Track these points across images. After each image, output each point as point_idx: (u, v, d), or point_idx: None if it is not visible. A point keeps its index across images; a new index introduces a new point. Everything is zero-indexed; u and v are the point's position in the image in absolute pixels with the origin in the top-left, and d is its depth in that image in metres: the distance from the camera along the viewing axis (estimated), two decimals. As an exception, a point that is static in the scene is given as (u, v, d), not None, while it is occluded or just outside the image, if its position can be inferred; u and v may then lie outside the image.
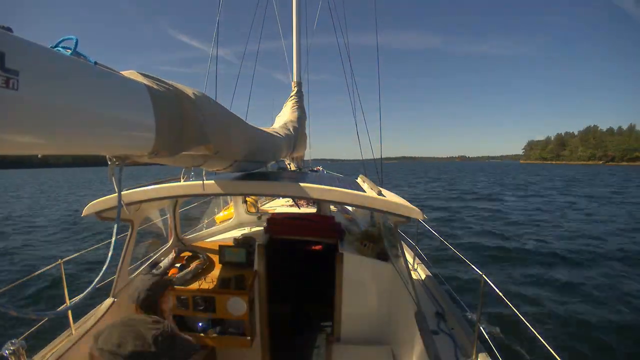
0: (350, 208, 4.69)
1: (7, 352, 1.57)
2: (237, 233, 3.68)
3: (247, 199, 4.39)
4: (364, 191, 2.24)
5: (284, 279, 3.97)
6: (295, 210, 4.89)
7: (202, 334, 2.59)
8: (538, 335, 1.68)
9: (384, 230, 3.10)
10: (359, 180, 3.65)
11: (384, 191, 2.29)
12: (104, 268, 1.01)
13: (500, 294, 1.84)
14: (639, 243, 10.22)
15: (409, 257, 3.53)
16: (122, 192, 2.19)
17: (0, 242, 11.20)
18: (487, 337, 2.03)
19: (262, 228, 3.47)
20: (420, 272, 3.43)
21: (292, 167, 6.11)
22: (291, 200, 5.38)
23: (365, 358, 2.50)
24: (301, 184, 2.03)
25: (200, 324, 2.62)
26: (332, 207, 4.48)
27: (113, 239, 1.08)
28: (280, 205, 5.44)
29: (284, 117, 5.04)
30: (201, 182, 2.06)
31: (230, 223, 4.19)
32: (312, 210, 4.71)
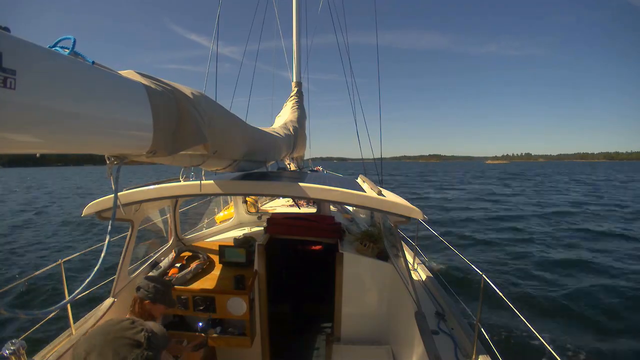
0: (350, 208, 4.69)
1: (7, 352, 1.57)
2: (237, 233, 3.68)
3: (247, 199, 4.39)
4: (364, 191, 2.24)
5: (284, 279, 3.97)
6: (295, 210, 4.88)
7: (202, 334, 2.59)
8: (538, 335, 1.68)
9: (384, 230, 3.10)
10: (359, 180, 3.65)
11: (384, 191, 2.28)
12: (95, 268, 1.01)
13: (501, 294, 1.84)
14: None
15: (409, 257, 3.52)
16: (122, 192, 2.21)
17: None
18: (487, 337, 2.03)
19: (262, 228, 3.46)
20: (420, 272, 3.43)
21: (292, 167, 6.11)
22: (291, 200, 5.38)
23: (365, 358, 2.50)
24: (301, 184, 2.03)
25: (200, 324, 2.62)
26: (332, 207, 4.48)
27: (107, 239, 1.08)
28: (280, 205, 5.44)
29: (284, 117, 5.04)
30: (200, 182, 2.06)
31: (230, 223, 4.19)
32: (312, 210, 4.71)
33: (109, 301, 2.36)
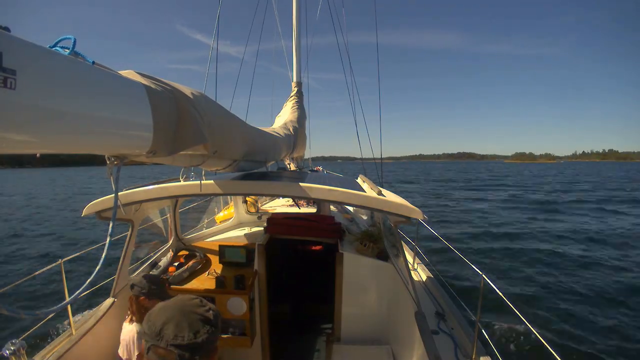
0: (350, 208, 4.69)
1: (7, 352, 1.58)
2: (237, 233, 3.68)
3: (247, 198, 4.39)
4: (364, 191, 2.24)
5: (284, 279, 3.97)
6: (295, 210, 4.88)
7: None
8: (538, 335, 1.68)
9: (384, 230, 3.10)
10: (359, 180, 3.65)
11: (384, 191, 2.28)
12: (97, 268, 1.01)
13: (500, 294, 1.84)
14: None
15: (409, 257, 3.53)
16: (122, 192, 2.21)
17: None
18: (487, 337, 2.03)
19: (262, 228, 3.46)
20: (420, 272, 3.43)
21: (292, 167, 6.11)
22: (291, 200, 5.38)
23: (365, 358, 2.50)
24: (301, 184, 2.03)
25: None
26: (332, 207, 4.48)
27: (108, 238, 1.09)
28: (280, 205, 5.44)
29: (284, 117, 5.04)
30: (200, 182, 2.07)
31: (230, 223, 4.19)
32: (312, 210, 4.71)
33: (109, 301, 2.36)
